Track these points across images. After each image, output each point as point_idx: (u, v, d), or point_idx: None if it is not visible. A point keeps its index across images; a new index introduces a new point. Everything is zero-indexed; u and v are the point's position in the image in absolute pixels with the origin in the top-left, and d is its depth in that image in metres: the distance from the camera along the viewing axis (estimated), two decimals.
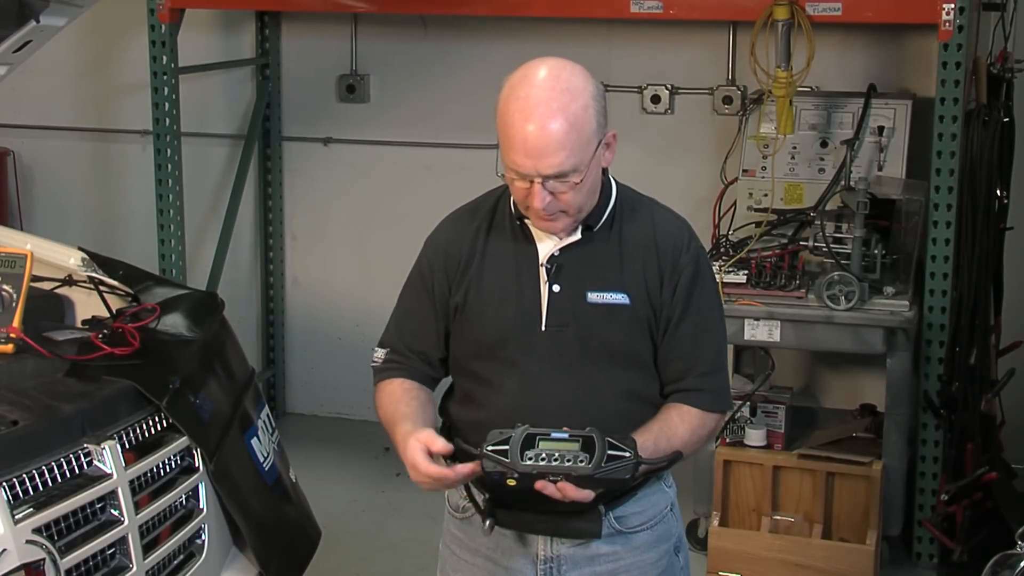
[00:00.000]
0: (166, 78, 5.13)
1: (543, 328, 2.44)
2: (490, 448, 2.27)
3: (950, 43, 4.21)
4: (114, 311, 3.14)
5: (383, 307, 2.70)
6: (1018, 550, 2.40)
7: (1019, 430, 4.80)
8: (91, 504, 2.60)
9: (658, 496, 2.53)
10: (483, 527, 2.45)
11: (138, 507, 2.72)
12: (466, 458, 2.37)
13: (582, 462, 2.24)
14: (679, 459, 2.41)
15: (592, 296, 2.43)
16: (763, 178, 4.65)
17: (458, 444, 2.40)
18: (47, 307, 3.25)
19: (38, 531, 2.44)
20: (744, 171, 4.72)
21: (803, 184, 4.64)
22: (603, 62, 5.17)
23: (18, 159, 6.08)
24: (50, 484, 2.52)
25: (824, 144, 4.67)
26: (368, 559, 4.56)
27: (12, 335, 2.93)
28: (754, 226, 4.60)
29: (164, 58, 5.11)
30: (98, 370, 2.86)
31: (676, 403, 2.46)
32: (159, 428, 2.86)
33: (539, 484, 2.25)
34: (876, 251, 4.24)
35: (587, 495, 2.27)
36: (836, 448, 4.34)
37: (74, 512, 2.55)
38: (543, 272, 2.45)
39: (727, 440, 4.39)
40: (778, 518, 4.30)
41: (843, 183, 4.44)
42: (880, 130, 4.56)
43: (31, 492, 2.48)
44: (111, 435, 2.69)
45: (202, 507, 2.97)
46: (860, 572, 4.12)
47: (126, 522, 2.67)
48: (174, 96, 5.17)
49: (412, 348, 2.56)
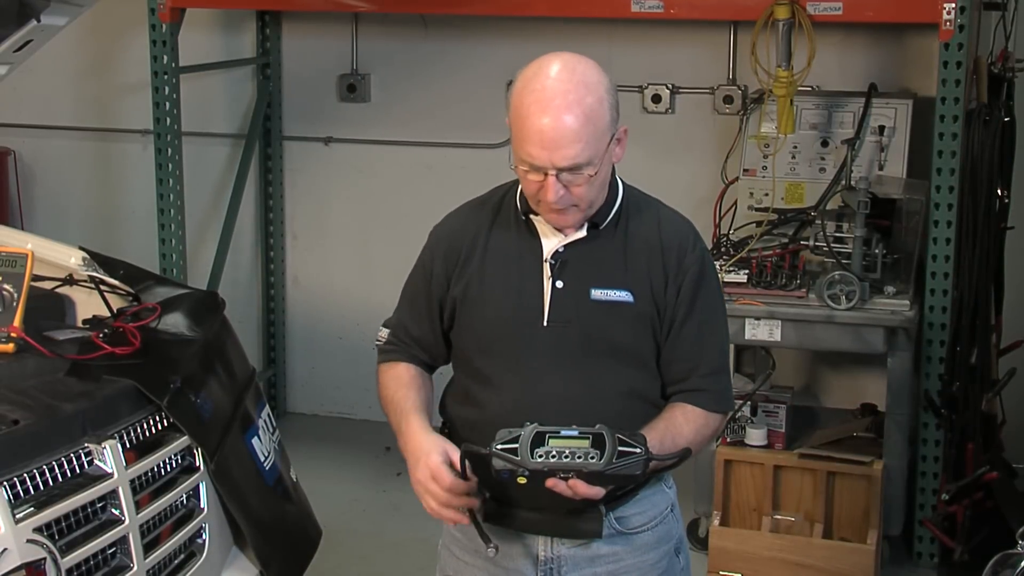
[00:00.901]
0: (167, 77, 5.13)
1: (545, 324, 2.43)
2: (500, 447, 2.26)
3: (951, 42, 4.21)
4: (115, 310, 3.14)
5: (384, 306, 2.70)
6: (1019, 549, 2.40)
7: (1020, 429, 4.80)
8: (92, 503, 2.60)
9: (659, 497, 2.53)
10: (485, 551, 2.42)
11: (139, 506, 2.71)
12: (474, 459, 2.36)
13: (593, 459, 2.23)
14: (688, 456, 2.40)
15: (596, 293, 2.43)
16: (764, 177, 4.65)
17: (467, 447, 2.34)
18: (48, 306, 3.24)
19: (39, 530, 2.44)
20: (745, 170, 4.72)
21: (804, 183, 4.64)
22: (604, 62, 5.02)
23: (19, 158, 6.08)
24: (51, 483, 2.52)
25: (825, 143, 4.67)
26: (369, 558, 4.56)
27: (13, 334, 2.93)
28: (755, 225, 4.61)
29: (165, 57, 5.11)
30: (99, 369, 2.85)
31: (680, 403, 2.46)
32: (160, 427, 2.86)
33: (550, 482, 2.25)
34: (877, 250, 4.24)
35: (598, 492, 2.26)
36: (837, 448, 4.34)
37: (75, 511, 2.55)
38: (547, 268, 2.45)
39: (728, 440, 4.38)
40: (779, 518, 4.29)
41: (844, 182, 4.44)
42: (881, 129, 4.56)
43: (32, 491, 2.47)
44: (112, 434, 2.69)
45: (203, 506, 2.97)
46: (861, 572, 4.12)
47: (127, 521, 2.66)
48: (175, 96, 5.17)
49: (410, 334, 2.58)
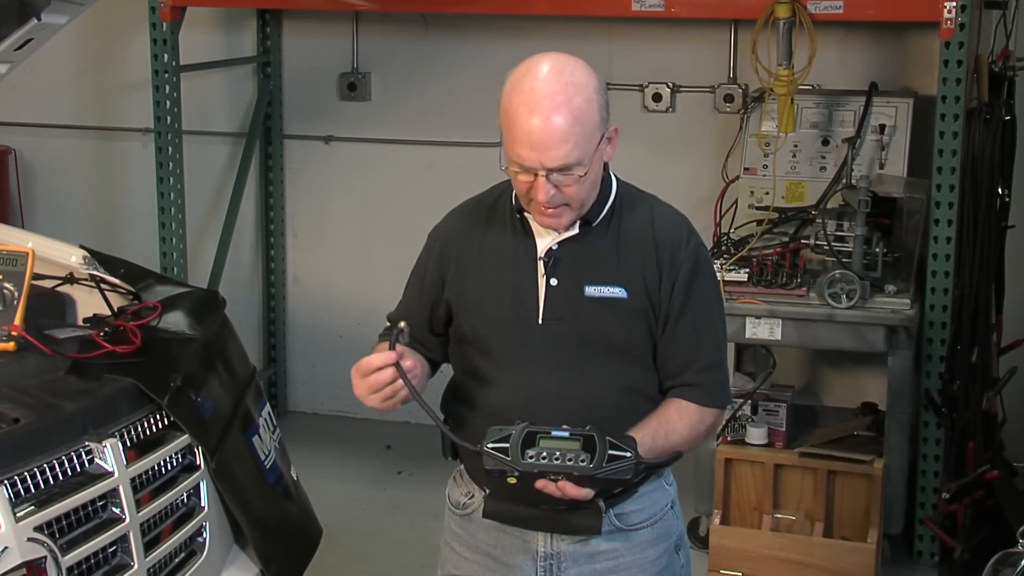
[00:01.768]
0: (167, 76, 5.13)
1: (540, 321, 2.44)
2: (490, 445, 2.27)
3: (952, 41, 4.21)
4: (115, 309, 3.14)
5: (384, 305, 2.70)
6: (1019, 548, 2.40)
7: (1020, 428, 4.80)
8: (92, 502, 2.60)
9: (658, 494, 2.53)
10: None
11: (139, 505, 2.71)
12: (466, 454, 2.37)
13: (583, 462, 2.24)
14: (678, 458, 2.41)
15: (590, 290, 2.43)
16: (764, 176, 4.65)
17: (457, 442, 2.40)
18: (48, 305, 3.24)
19: (39, 529, 2.44)
20: (745, 169, 4.72)
21: (804, 182, 4.64)
22: (604, 60, 5.17)
23: (19, 157, 6.08)
24: (51, 482, 2.52)
25: (825, 142, 4.67)
26: (369, 557, 4.56)
27: (13, 333, 2.93)
28: (755, 224, 4.60)
29: (165, 56, 5.11)
30: (99, 368, 2.85)
31: (675, 398, 2.46)
32: (160, 426, 2.86)
33: (540, 483, 2.26)
34: (877, 249, 4.24)
35: (587, 493, 2.28)
36: (837, 446, 4.34)
37: (75, 510, 2.55)
38: (541, 266, 2.45)
39: (728, 438, 4.38)
40: (779, 516, 4.30)
41: (844, 181, 4.44)
42: (881, 128, 4.56)
43: (32, 490, 2.47)
44: (112, 433, 2.68)
45: (203, 505, 2.96)
46: (861, 570, 4.12)
47: (127, 520, 2.66)
48: (175, 94, 5.17)
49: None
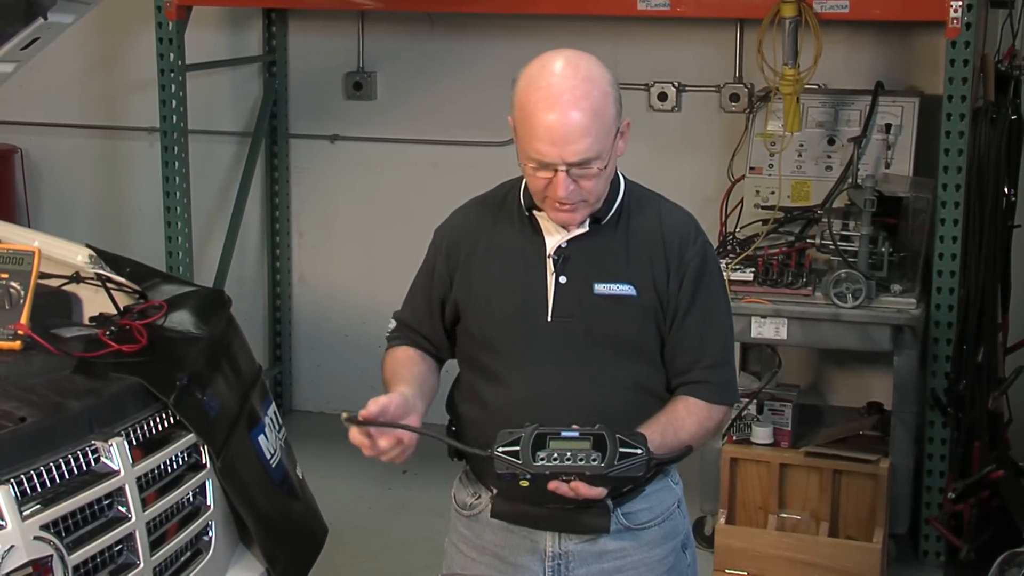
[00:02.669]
0: (173, 75, 5.13)
1: (549, 319, 2.44)
2: (500, 449, 2.26)
3: (958, 40, 4.20)
4: (121, 308, 3.14)
5: (390, 304, 2.70)
6: None
7: None
8: (98, 501, 2.60)
9: (665, 492, 2.54)
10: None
11: (145, 504, 2.71)
12: (474, 460, 2.36)
13: (595, 461, 2.24)
14: (689, 453, 2.41)
15: (599, 287, 2.44)
16: (770, 176, 4.65)
17: (467, 451, 2.40)
18: (54, 304, 3.25)
19: (46, 528, 2.44)
20: (751, 168, 4.72)
21: (810, 182, 4.64)
22: (610, 59, 5.04)
23: (25, 156, 6.09)
24: (58, 481, 2.52)
25: (831, 142, 4.67)
26: (374, 556, 4.56)
27: (20, 332, 2.93)
28: (761, 224, 4.60)
29: (171, 55, 5.11)
30: (105, 367, 2.85)
31: (683, 395, 2.47)
32: (166, 425, 2.86)
33: (552, 485, 2.26)
34: (883, 249, 4.23)
35: (600, 492, 2.28)
36: (843, 446, 4.33)
37: (81, 509, 2.55)
38: (550, 263, 2.45)
39: (734, 438, 4.38)
40: (785, 516, 4.29)
41: (850, 181, 4.43)
42: (887, 128, 4.56)
43: (39, 489, 2.47)
44: (118, 432, 2.68)
45: (209, 504, 2.97)
46: (867, 570, 4.12)
47: (133, 519, 2.67)
48: (181, 93, 5.17)
49: (413, 326, 2.61)
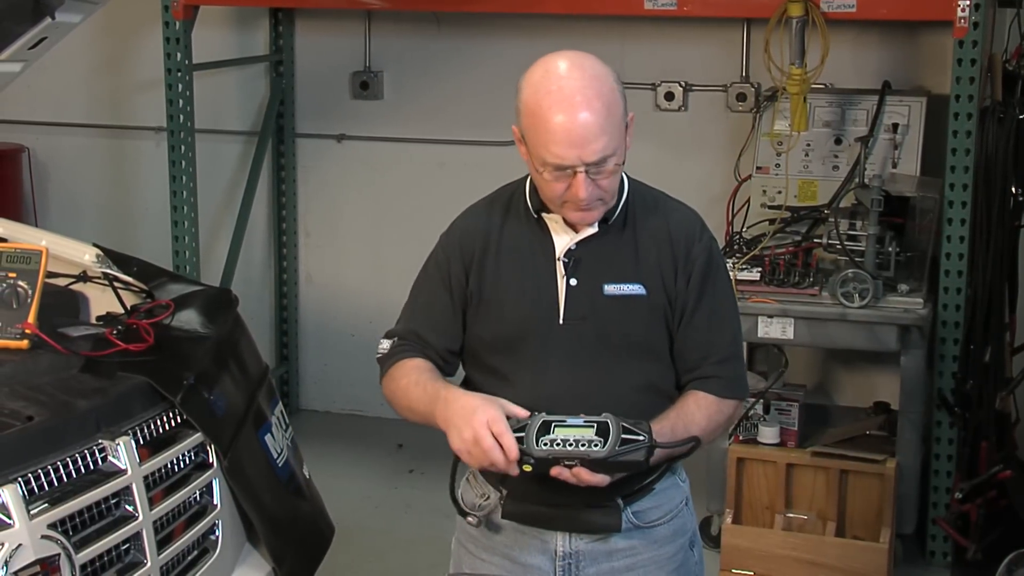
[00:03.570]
0: (180, 75, 5.14)
1: (561, 322, 2.45)
2: None
3: (965, 40, 4.20)
4: (128, 307, 3.14)
5: (396, 303, 2.69)
6: None
7: None
8: (106, 500, 2.61)
9: (673, 491, 2.54)
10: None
11: (152, 503, 2.72)
12: None
13: (596, 446, 2.25)
14: (697, 445, 2.41)
15: (609, 288, 2.44)
16: (777, 175, 4.65)
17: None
18: (62, 303, 3.24)
19: (53, 526, 2.45)
20: (758, 168, 4.72)
21: (817, 181, 4.63)
22: (617, 59, 5.14)
23: (33, 156, 6.10)
24: (65, 480, 2.52)
25: (838, 141, 4.66)
26: (381, 555, 4.56)
27: (27, 331, 2.93)
28: (768, 223, 4.60)
29: (178, 55, 5.12)
30: (112, 366, 2.85)
31: (693, 391, 2.47)
32: (173, 424, 2.86)
33: (555, 470, 2.27)
34: (890, 248, 4.23)
35: (602, 479, 2.28)
36: (850, 446, 4.33)
37: (89, 508, 2.56)
38: (560, 266, 2.45)
39: (740, 437, 4.38)
40: (791, 516, 4.29)
41: (857, 180, 4.43)
42: (894, 127, 4.55)
43: (46, 488, 2.48)
44: (126, 431, 2.69)
45: (216, 503, 2.97)
46: (874, 570, 4.11)
47: (140, 518, 2.67)
48: (188, 93, 5.18)
49: (426, 339, 2.52)
